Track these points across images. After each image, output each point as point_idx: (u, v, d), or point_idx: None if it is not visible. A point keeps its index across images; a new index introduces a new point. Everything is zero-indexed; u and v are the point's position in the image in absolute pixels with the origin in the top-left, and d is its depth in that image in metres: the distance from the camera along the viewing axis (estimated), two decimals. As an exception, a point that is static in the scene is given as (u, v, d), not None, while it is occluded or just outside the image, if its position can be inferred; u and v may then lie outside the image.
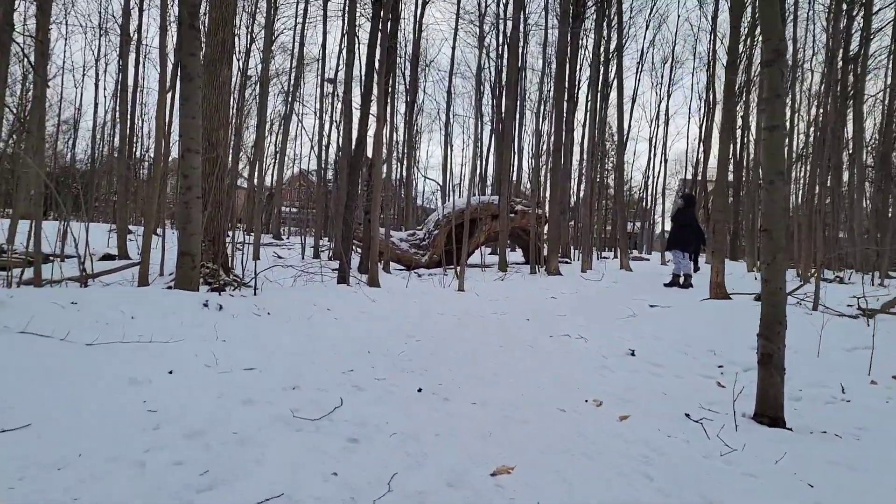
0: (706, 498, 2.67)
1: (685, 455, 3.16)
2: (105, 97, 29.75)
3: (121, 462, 2.68)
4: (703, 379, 4.83)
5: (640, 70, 32.43)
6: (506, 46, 21.09)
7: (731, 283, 12.34)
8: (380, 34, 9.62)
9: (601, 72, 22.76)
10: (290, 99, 28.53)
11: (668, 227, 62.17)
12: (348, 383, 4.26)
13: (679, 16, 55.22)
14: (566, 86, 16.57)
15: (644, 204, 43.52)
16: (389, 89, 11.78)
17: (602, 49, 25.91)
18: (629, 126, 41.19)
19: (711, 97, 33.48)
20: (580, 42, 23.08)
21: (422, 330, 6.45)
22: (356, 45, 16.97)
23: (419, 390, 4.22)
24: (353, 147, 10.29)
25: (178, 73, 6.60)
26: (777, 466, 3.03)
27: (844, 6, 18.10)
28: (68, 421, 3.03)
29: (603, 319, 7.38)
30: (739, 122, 34.21)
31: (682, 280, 12.05)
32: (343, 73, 19.02)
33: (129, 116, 17.62)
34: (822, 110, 19.79)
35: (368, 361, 4.95)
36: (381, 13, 9.64)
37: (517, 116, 21.31)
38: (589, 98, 20.14)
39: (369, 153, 15.68)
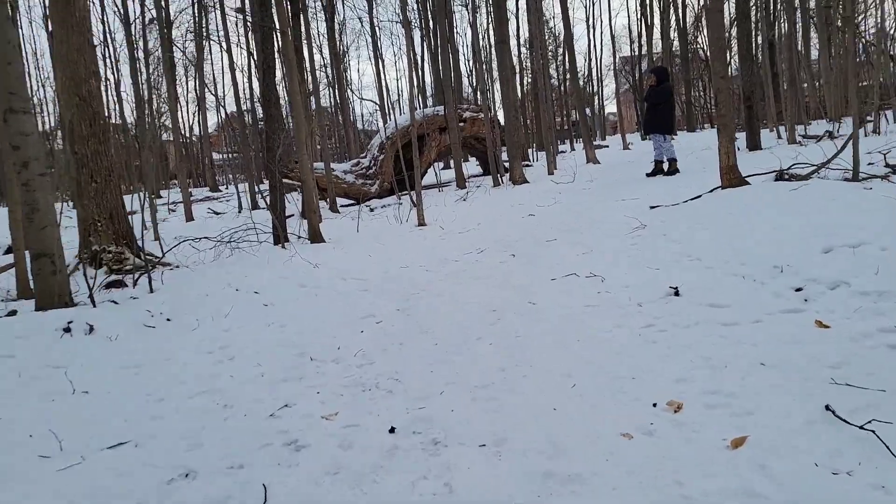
0: None
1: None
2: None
3: None
4: (793, 317, 3.35)
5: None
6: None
7: (708, 161, 10.88)
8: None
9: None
10: (197, 37, 25.65)
11: (613, 109, 60.56)
12: (279, 439, 2.68)
13: None
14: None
15: (591, 89, 41.67)
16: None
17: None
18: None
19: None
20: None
21: (382, 300, 4.85)
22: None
23: (392, 431, 2.68)
24: (262, 75, 8.35)
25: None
26: None
27: None
28: None
29: (606, 239, 5.86)
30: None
31: (666, 166, 10.59)
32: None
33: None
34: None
35: (311, 380, 3.36)
36: None
37: (447, 13, 19.10)
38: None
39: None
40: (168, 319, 4.36)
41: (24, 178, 4.50)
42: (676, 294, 3.89)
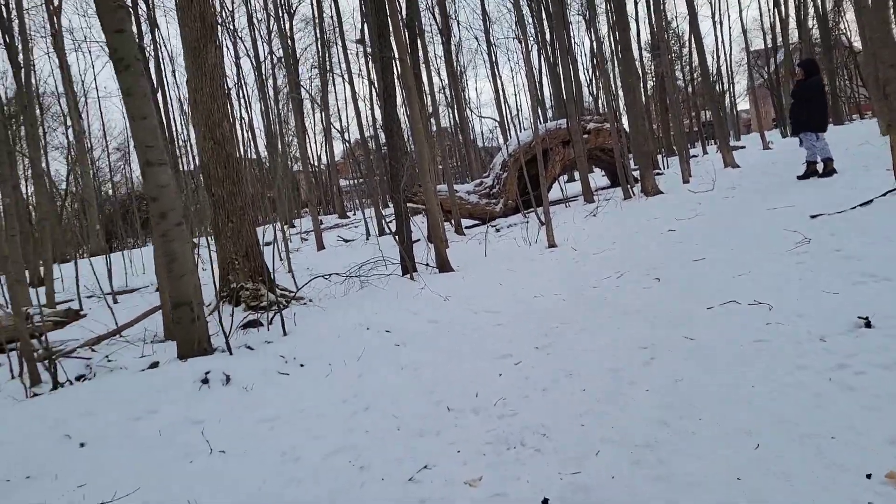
0: None
1: None
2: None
3: None
4: None
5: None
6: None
7: (869, 157, 9.66)
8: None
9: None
10: (321, 71, 26.83)
11: (744, 107, 57.11)
12: (421, 512, 2.43)
13: None
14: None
15: (721, 87, 39.45)
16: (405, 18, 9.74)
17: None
18: None
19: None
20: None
21: (518, 337, 4.54)
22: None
23: (545, 502, 2.36)
24: (383, 104, 8.35)
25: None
26: None
27: None
28: None
29: (763, 257, 5.23)
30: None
31: (820, 167, 9.59)
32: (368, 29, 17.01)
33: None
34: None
35: (449, 434, 3.10)
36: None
37: (564, 24, 18.67)
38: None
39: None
40: (301, 365, 4.27)
41: (162, 228, 4.60)
42: (868, 325, 3.29)
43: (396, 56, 7.23)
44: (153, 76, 18.38)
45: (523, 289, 5.98)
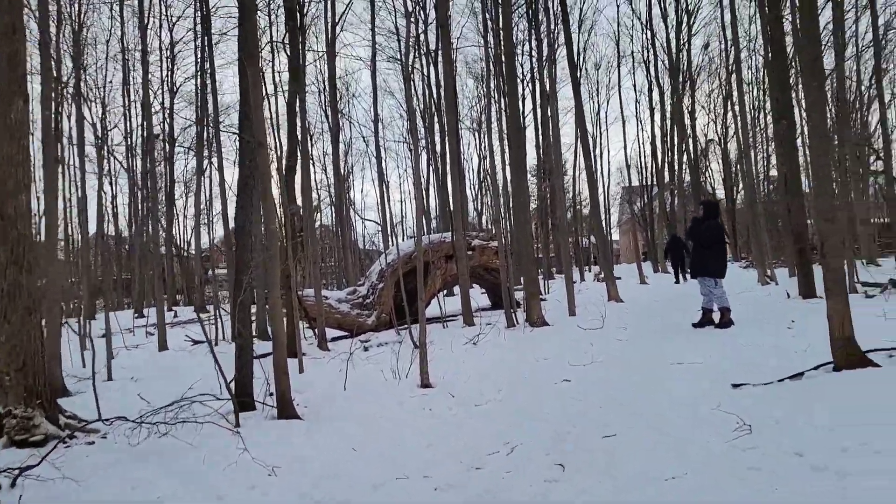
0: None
1: None
2: None
3: None
4: None
5: (580, 71, 29.74)
6: (439, 54, 18.35)
7: (760, 308, 9.00)
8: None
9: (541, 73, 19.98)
10: (197, 154, 25.11)
11: (616, 237, 60.00)
12: None
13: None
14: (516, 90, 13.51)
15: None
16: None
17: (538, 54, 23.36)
18: (578, 131, 38.67)
19: (657, 94, 31.23)
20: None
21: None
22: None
23: None
24: (237, 193, 6.87)
25: None
26: None
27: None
28: None
29: (697, 444, 4.02)
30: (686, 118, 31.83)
31: (717, 317, 8.94)
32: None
33: None
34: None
35: None
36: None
37: (456, 134, 18.20)
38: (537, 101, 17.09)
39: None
40: None
41: None
42: None
43: (255, 140, 5.82)
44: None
45: (383, 458, 4.45)
